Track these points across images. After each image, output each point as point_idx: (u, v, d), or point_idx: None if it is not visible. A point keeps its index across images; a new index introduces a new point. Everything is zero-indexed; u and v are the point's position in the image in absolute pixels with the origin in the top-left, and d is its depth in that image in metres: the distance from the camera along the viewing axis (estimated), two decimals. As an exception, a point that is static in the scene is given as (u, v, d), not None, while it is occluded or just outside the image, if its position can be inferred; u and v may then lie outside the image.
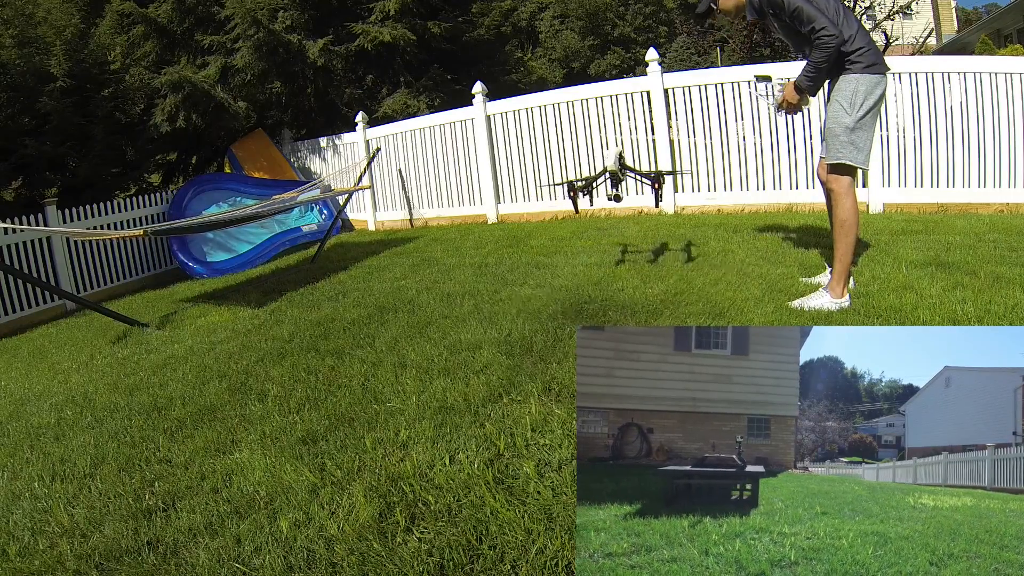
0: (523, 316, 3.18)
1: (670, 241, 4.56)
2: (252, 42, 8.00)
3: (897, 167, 5.07)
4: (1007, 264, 3.23)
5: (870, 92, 2.78)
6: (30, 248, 5.88)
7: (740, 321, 2.75)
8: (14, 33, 6.72)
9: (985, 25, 18.81)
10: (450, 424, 2.14)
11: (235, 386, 2.85)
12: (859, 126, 2.79)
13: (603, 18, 32.29)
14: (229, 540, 1.69)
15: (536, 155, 6.77)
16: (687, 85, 5.85)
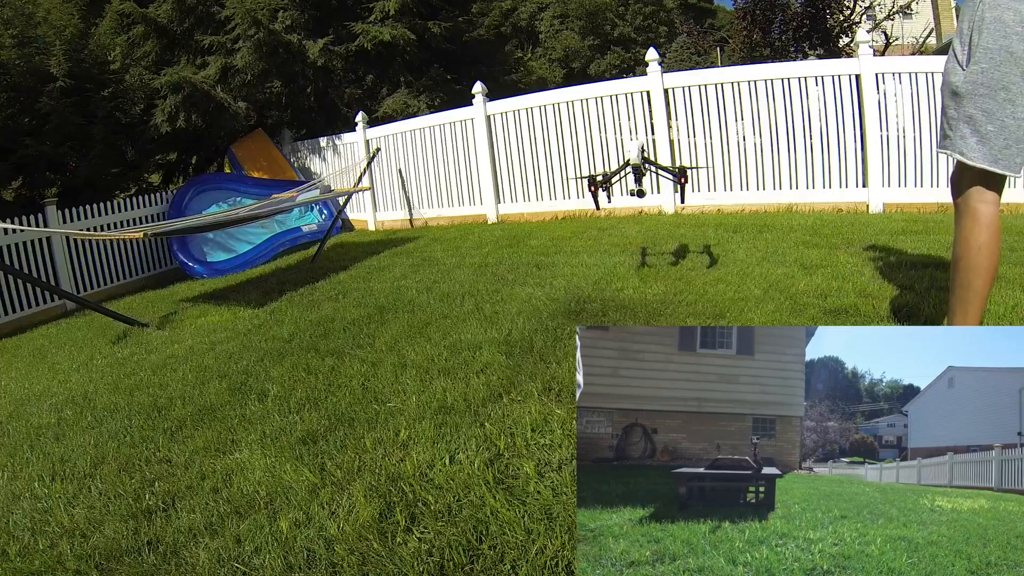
0: (523, 316, 3.18)
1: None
2: (252, 42, 8.00)
3: (897, 167, 5.07)
4: (1007, 264, 3.22)
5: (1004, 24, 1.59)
6: (30, 248, 5.88)
7: (741, 321, 2.74)
8: (14, 33, 6.72)
9: (985, 25, 18.76)
10: (450, 424, 2.14)
11: (235, 386, 2.84)
12: (977, 86, 1.66)
13: (603, 18, 32.28)
14: (229, 540, 1.69)
15: (536, 155, 6.77)
16: (687, 85, 5.85)
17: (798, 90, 5.39)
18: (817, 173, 5.38)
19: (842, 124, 5.24)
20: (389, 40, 8.48)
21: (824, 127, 5.32)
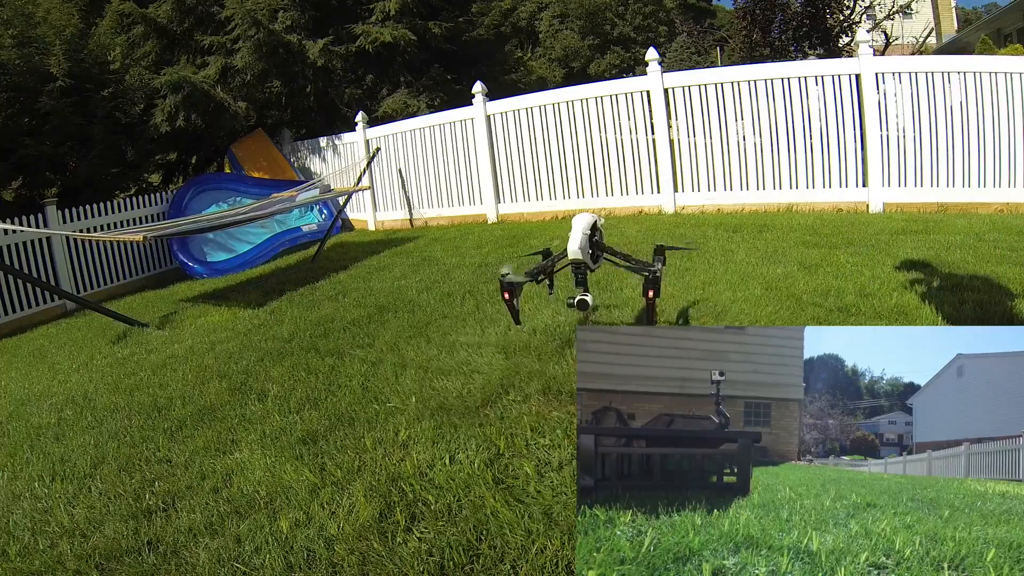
0: (523, 315, 3.18)
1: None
2: (252, 42, 8.00)
3: (897, 167, 5.07)
4: (1007, 264, 3.23)
5: None
6: (30, 248, 5.88)
7: (740, 321, 2.74)
8: (14, 33, 6.71)
9: (985, 25, 18.79)
10: (450, 424, 2.14)
11: (235, 386, 2.84)
12: None
13: (603, 18, 32.26)
14: (229, 540, 1.69)
15: (536, 155, 6.77)
16: (687, 85, 5.85)
17: (798, 90, 5.39)
18: (817, 173, 5.39)
19: (842, 124, 5.24)
20: (389, 40, 8.48)
21: (824, 127, 5.32)
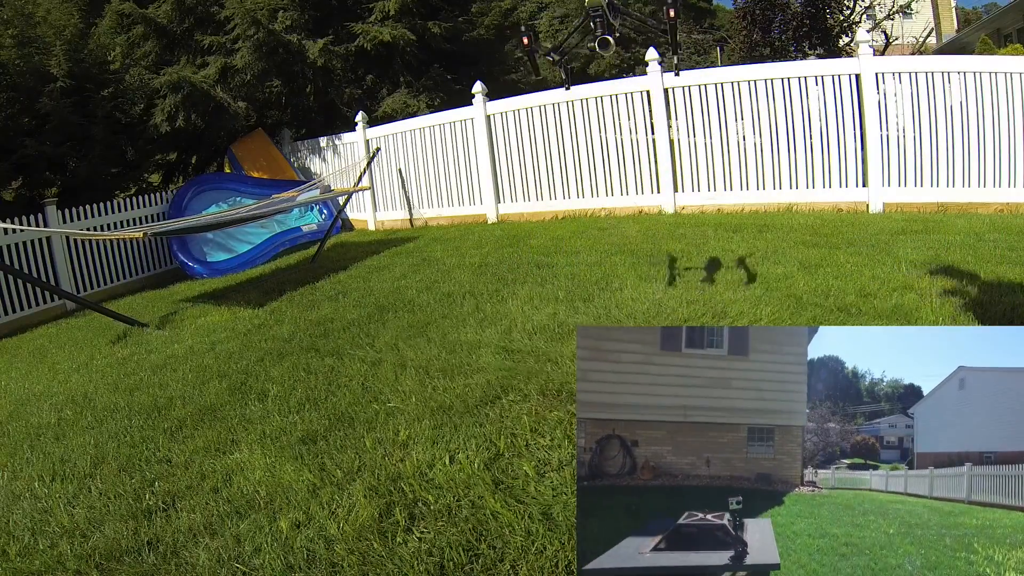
0: (523, 315, 3.18)
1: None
2: (252, 42, 8.00)
3: (897, 167, 5.07)
4: (1007, 264, 3.23)
5: None
6: (30, 248, 5.88)
7: (740, 321, 2.74)
8: (14, 33, 6.71)
9: (985, 25, 18.80)
10: (450, 424, 2.14)
11: (235, 386, 2.85)
12: None
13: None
14: (229, 540, 1.69)
15: (536, 155, 6.77)
16: (687, 85, 5.85)
17: (798, 90, 5.39)
18: (817, 173, 5.39)
19: (842, 124, 5.24)
20: (389, 40, 8.48)
21: (824, 127, 5.32)
